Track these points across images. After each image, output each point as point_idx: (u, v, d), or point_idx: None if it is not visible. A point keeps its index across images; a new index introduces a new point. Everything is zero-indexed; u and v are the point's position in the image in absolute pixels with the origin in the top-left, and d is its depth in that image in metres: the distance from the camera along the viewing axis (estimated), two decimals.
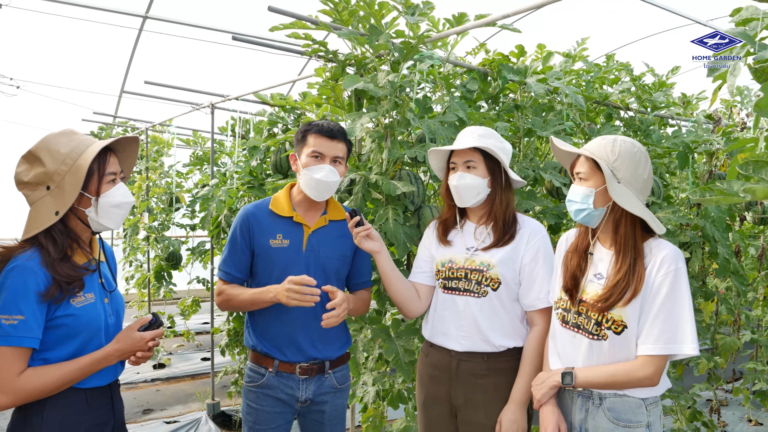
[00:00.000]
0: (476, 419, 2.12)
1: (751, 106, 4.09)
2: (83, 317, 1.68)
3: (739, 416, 5.29)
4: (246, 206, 2.31)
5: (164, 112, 7.13)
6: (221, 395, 5.50)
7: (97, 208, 1.73)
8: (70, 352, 1.67)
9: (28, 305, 1.58)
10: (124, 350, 1.72)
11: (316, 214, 2.30)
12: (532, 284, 2.11)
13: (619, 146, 1.85)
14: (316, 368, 2.24)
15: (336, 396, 2.32)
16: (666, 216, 3.15)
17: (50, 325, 1.64)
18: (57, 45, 7.41)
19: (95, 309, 1.72)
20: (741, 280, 3.61)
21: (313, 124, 2.21)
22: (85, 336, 1.69)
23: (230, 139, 5.13)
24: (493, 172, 2.15)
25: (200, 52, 7.13)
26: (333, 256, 2.28)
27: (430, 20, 2.83)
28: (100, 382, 1.76)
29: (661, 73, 3.93)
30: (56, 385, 1.62)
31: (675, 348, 1.75)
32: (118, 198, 1.76)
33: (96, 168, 1.72)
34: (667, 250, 1.80)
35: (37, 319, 1.60)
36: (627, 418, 1.81)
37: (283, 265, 2.21)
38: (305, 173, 2.18)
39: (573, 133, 3.40)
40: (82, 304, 1.69)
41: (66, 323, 1.65)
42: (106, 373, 1.77)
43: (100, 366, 1.70)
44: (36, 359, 1.64)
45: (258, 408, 2.24)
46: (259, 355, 2.26)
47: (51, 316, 1.63)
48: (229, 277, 2.26)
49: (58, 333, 1.65)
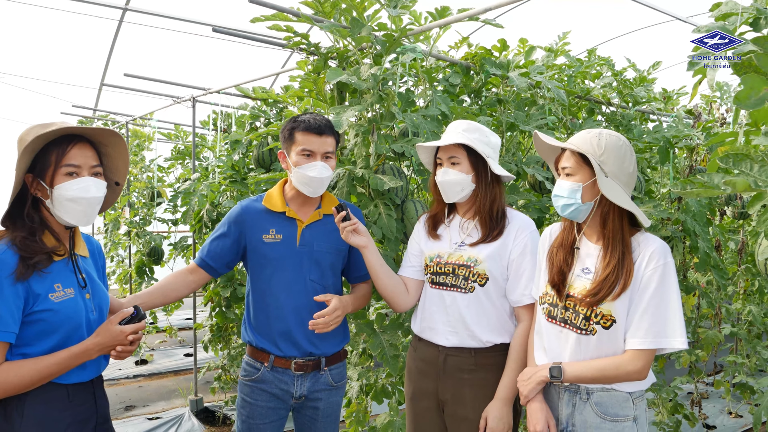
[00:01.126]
0: (463, 414, 2.12)
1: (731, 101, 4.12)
2: (62, 312, 1.64)
3: (720, 408, 5.36)
4: (242, 201, 2.32)
5: (145, 106, 7.04)
6: (204, 391, 5.46)
7: (53, 200, 1.67)
8: (50, 347, 1.64)
9: (2, 299, 1.55)
10: (103, 344, 1.67)
11: (311, 208, 2.29)
12: (519, 280, 2.11)
13: (605, 140, 1.84)
14: (312, 364, 2.24)
15: (331, 393, 2.31)
16: (647, 210, 3.17)
17: (28, 320, 1.60)
18: (35, 37, 7.28)
19: (75, 304, 1.69)
20: (721, 273, 3.64)
21: (299, 121, 2.18)
22: (64, 331, 1.66)
23: (212, 133, 5.08)
24: (477, 168, 2.13)
25: (181, 44, 7.05)
26: (327, 251, 2.27)
27: (412, 14, 2.82)
28: (82, 378, 1.72)
29: (642, 68, 3.95)
30: (33, 380, 1.59)
31: (664, 342, 1.75)
32: (73, 192, 1.67)
33: (54, 158, 1.67)
34: (656, 244, 1.81)
35: (13, 314, 1.56)
36: (614, 412, 1.82)
37: (277, 260, 2.21)
38: (297, 171, 2.16)
39: (555, 128, 3.41)
40: (61, 299, 1.65)
41: (44, 318, 1.62)
42: (88, 368, 1.74)
43: (79, 360, 1.65)
44: (15, 354, 1.61)
45: (252, 402, 2.24)
46: (255, 350, 2.26)
47: (29, 311, 1.60)
48: (201, 262, 2.28)
49: (37, 328, 1.62)
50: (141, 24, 6.37)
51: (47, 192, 1.67)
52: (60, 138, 1.68)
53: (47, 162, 1.66)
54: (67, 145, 1.68)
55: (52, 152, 1.67)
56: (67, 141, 1.69)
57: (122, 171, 1.85)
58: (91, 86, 7.51)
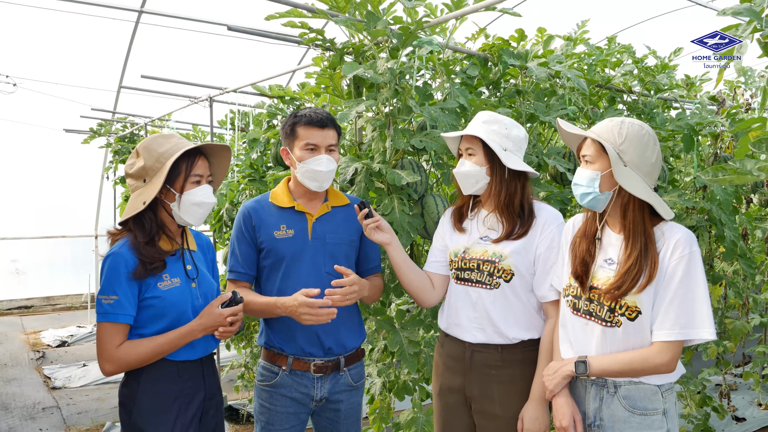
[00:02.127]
0: (491, 411, 2.09)
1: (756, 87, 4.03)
2: (168, 299, 1.91)
3: (749, 400, 5.26)
4: (245, 203, 2.29)
5: (163, 107, 7.07)
6: (228, 389, 5.48)
7: (179, 204, 1.95)
8: (161, 329, 1.92)
9: (120, 287, 1.85)
10: (206, 325, 1.92)
11: (318, 202, 2.27)
12: (547, 275, 2.06)
13: (627, 128, 1.80)
14: (331, 365, 2.21)
15: (352, 394, 2.28)
16: (671, 200, 3.11)
17: (142, 305, 1.89)
18: (53, 41, 7.36)
19: (181, 292, 1.95)
20: (748, 263, 3.57)
21: (300, 116, 2.16)
22: (172, 316, 1.92)
23: (230, 132, 5.09)
24: (492, 160, 2.09)
25: (197, 44, 7.08)
26: (340, 242, 2.24)
27: (428, 6, 2.78)
28: (191, 356, 1.98)
29: (663, 55, 3.87)
30: (149, 356, 1.88)
31: (692, 333, 1.71)
32: (199, 198, 1.96)
33: (184, 168, 1.94)
34: (681, 233, 1.76)
35: (129, 299, 1.86)
36: (643, 406, 1.78)
37: (291, 255, 2.18)
38: (303, 167, 2.14)
39: (576, 118, 3.35)
40: (168, 288, 1.92)
41: (154, 304, 1.90)
42: (197, 348, 1.99)
43: (186, 339, 1.91)
44: (133, 334, 1.91)
45: (271, 408, 2.20)
46: (272, 353, 2.23)
47: (142, 297, 1.89)
48: (236, 275, 2.24)
49: (149, 312, 1.90)
50: (157, 25, 6.41)
51: (175, 197, 1.94)
52: (187, 151, 1.95)
53: (178, 171, 1.94)
54: (194, 158, 1.97)
55: (182, 163, 1.94)
56: (193, 154, 1.97)
57: (220, 179, 2.13)
58: (110, 89, 7.57)
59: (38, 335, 7.64)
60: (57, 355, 6.78)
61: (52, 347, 7.14)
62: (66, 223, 9.46)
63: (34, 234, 9.19)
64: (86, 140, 7.84)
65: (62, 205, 9.39)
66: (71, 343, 7.28)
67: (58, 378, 5.89)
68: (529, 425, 2.01)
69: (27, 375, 6.04)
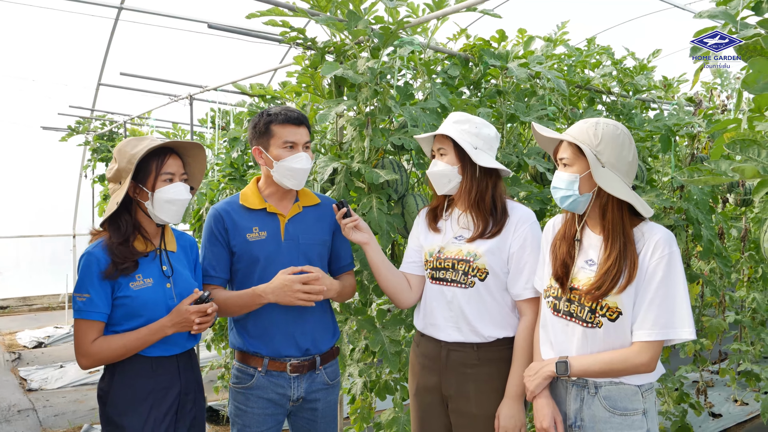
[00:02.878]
0: (467, 409, 2.10)
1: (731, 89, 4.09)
2: (140, 298, 1.96)
3: (726, 396, 5.35)
4: (215, 206, 2.25)
5: (143, 105, 7.00)
6: (208, 390, 5.42)
7: (153, 202, 1.99)
8: (135, 327, 1.96)
9: (92, 285, 1.91)
10: (174, 321, 1.96)
11: (289, 203, 2.25)
12: (520, 273, 2.08)
13: (602, 129, 1.81)
14: (307, 364, 2.20)
15: (328, 393, 2.28)
16: (649, 199, 3.14)
17: (115, 304, 1.95)
18: (30, 37, 7.25)
19: (153, 291, 1.99)
20: (725, 261, 3.62)
21: (274, 114, 2.14)
22: (146, 314, 1.97)
23: (210, 130, 5.06)
24: (463, 159, 2.09)
25: (178, 42, 7.02)
26: (313, 242, 2.24)
27: (410, 6, 2.79)
28: (165, 353, 2.02)
29: (641, 57, 3.91)
30: (121, 351, 1.94)
31: (672, 333, 1.73)
32: (170, 194, 1.99)
33: (154, 167, 1.98)
34: (660, 234, 1.78)
35: (102, 298, 1.92)
36: (623, 406, 1.79)
37: (265, 258, 2.16)
38: (281, 165, 2.13)
39: (556, 118, 3.38)
40: (139, 288, 1.97)
41: (125, 303, 1.95)
42: (171, 345, 2.03)
43: (156, 335, 1.96)
44: (109, 331, 1.97)
45: (248, 410, 2.18)
46: (248, 355, 2.20)
47: (115, 295, 1.95)
48: (210, 279, 2.20)
49: (122, 311, 1.95)
50: (137, 22, 6.34)
51: (147, 195, 1.98)
52: (156, 150, 1.99)
53: (148, 170, 1.98)
54: (164, 156, 2.00)
55: (152, 162, 1.98)
56: (164, 152, 2.01)
57: (198, 178, 2.17)
58: (88, 86, 7.48)
59: (14, 336, 7.53)
60: (33, 357, 6.68)
61: (29, 348, 7.04)
62: (43, 222, 9.32)
63: (10, 233, 9.05)
64: (64, 138, 7.74)
65: (39, 204, 9.26)
66: (48, 344, 7.18)
67: (34, 380, 5.81)
68: (505, 423, 2.02)
69: (2, 377, 5.95)
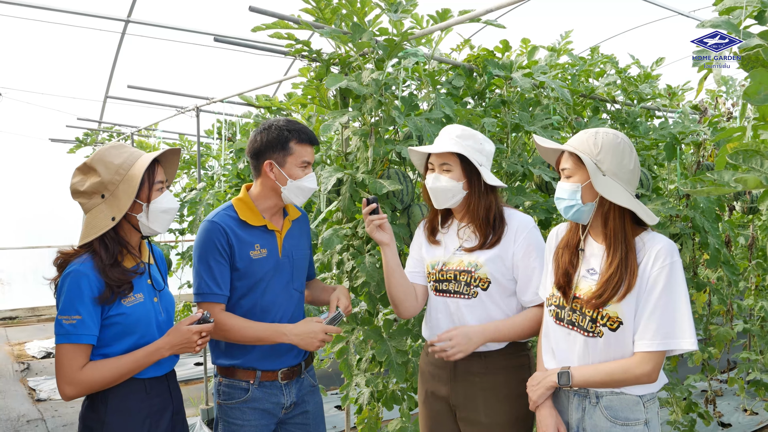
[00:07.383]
0: (476, 418, 2.10)
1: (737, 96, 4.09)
2: (134, 315, 1.84)
3: (735, 406, 5.30)
4: (213, 220, 2.11)
5: (150, 117, 7.06)
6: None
7: (147, 214, 1.89)
8: (127, 347, 1.83)
9: (83, 306, 1.75)
10: (173, 343, 1.84)
11: (280, 217, 2.25)
12: (529, 281, 2.08)
13: (602, 138, 1.82)
14: (296, 370, 2.24)
15: (314, 394, 2.33)
16: (655, 208, 3.14)
17: (106, 324, 1.80)
18: (39, 51, 7.32)
19: (145, 307, 1.88)
20: (732, 269, 3.61)
21: (294, 131, 2.11)
22: (138, 332, 1.85)
23: (216, 141, 5.09)
24: (470, 176, 2.09)
25: (184, 54, 7.07)
26: (302, 257, 2.27)
27: (414, 17, 2.81)
28: (158, 372, 1.91)
29: (645, 65, 3.92)
30: (114, 377, 1.79)
31: (673, 343, 1.72)
32: (166, 204, 1.91)
33: (147, 177, 1.87)
34: (662, 243, 1.77)
35: (93, 318, 1.77)
36: (625, 416, 1.79)
37: (265, 276, 2.14)
38: (296, 184, 2.12)
39: (560, 128, 3.39)
40: (132, 304, 1.84)
41: (119, 321, 1.81)
42: (163, 364, 1.92)
43: (153, 357, 1.83)
44: (96, 355, 1.81)
45: (244, 423, 2.16)
46: (239, 370, 2.17)
47: (105, 315, 1.80)
48: (214, 297, 2.08)
49: (114, 330, 1.81)
50: (143, 36, 6.40)
51: (142, 208, 1.87)
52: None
53: (141, 182, 1.84)
54: (154, 165, 1.90)
55: (144, 173, 1.85)
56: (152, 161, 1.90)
57: (171, 181, 2.08)
58: (96, 99, 7.54)
59: (23, 347, 7.55)
60: (42, 367, 6.70)
61: (37, 359, 7.06)
62: (52, 234, 9.37)
63: (19, 244, 9.11)
64: (72, 150, 7.80)
65: (48, 216, 9.31)
66: None
67: (43, 390, 5.82)
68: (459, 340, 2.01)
69: (11, 387, 5.97)
